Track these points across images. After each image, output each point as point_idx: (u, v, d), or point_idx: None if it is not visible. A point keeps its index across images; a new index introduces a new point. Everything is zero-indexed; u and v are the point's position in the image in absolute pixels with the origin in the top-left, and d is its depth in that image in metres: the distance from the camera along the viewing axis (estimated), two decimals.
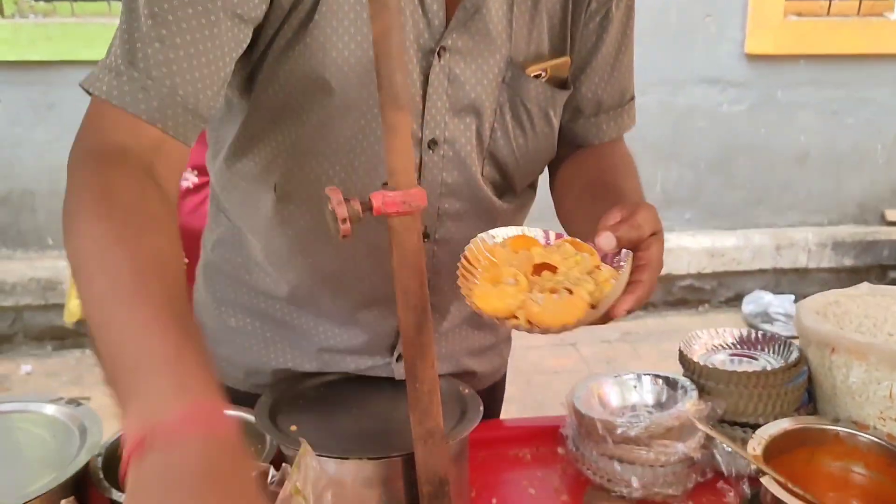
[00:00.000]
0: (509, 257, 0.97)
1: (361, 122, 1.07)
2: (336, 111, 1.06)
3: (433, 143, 1.11)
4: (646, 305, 4.75)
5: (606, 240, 0.91)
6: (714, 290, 4.83)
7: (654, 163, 4.59)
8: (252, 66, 1.06)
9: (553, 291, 0.90)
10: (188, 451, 0.63)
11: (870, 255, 4.86)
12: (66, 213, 0.85)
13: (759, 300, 4.63)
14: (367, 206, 0.88)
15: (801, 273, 4.86)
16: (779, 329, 4.42)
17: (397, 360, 1.27)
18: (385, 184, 0.89)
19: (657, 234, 0.96)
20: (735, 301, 4.81)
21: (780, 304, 4.56)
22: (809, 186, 4.84)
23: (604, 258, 0.96)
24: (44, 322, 4.11)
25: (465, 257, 0.98)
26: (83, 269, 0.78)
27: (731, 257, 4.73)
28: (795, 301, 4.67)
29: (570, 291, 0.89)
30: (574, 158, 1.25)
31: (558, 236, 1.02)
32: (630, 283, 0.92)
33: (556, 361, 4.10)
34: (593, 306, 0.89)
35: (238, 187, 1.18)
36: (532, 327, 0.89)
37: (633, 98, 1.27)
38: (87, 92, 0.93)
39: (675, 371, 1.33)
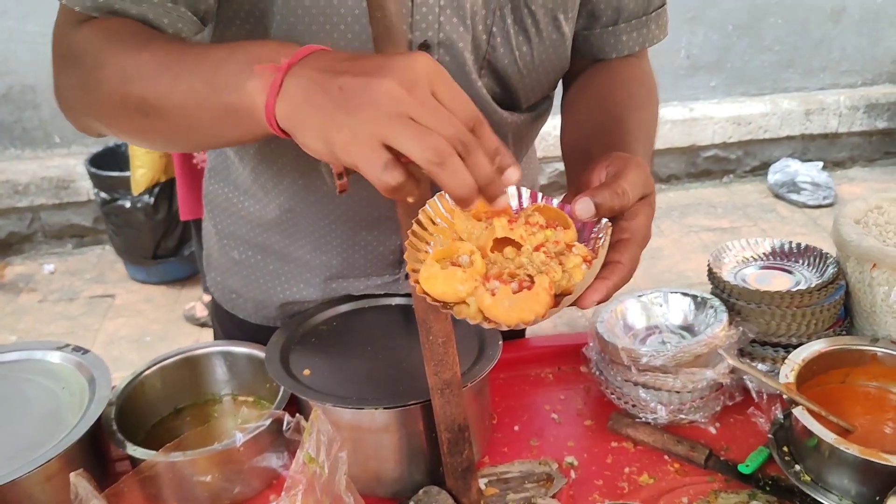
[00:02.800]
0: (469, 226, 0.79)
1: (335, 34, 0.94)
2: (305, 13, 0.92)
3: (425, 47, 0.97)
4: (668, 178, 4.68)
5: (584, 206, 0.76)
6: (739, 160, 4.69)
7: (679, 26, 4.35)
8: None
9: (512, 276, 0.74)
10: (325, 56, 0.70)
11: None
12: (63, 63, 0.90)
13: (785, 169, 4.50)
14: None
15: (830, 138, 4.69)
16: (805, 199, 4.31)
17: (406, 278, 1.22)
18: None
19: (646, 199, 0.81)
20: (761, 170, 4.69)
21: (807, 171, 4.42)
22: (844, 45, 4.59)
23: (581, 227, 0.81)
24: (61, 221, 4.10)
25: (419, 220, 0.79)
26: (131, 75, 0.82)
27: (758, 125, 4.56)
28: (823, 168, 4.54)
29: (532, 279, 0.73)
30: (585, 77, 1.12)
31: (533, 197, 0.83)
32: (606, 265, 0.76)
33: None
34: (558, 296, 0.74)
35: None
36: (483, 320, 0.73)
37: (663, 5, 1.12)
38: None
39: (695, 264, 1.27)
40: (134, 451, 1.01)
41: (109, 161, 3.72)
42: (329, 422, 0.89)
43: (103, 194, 3.64)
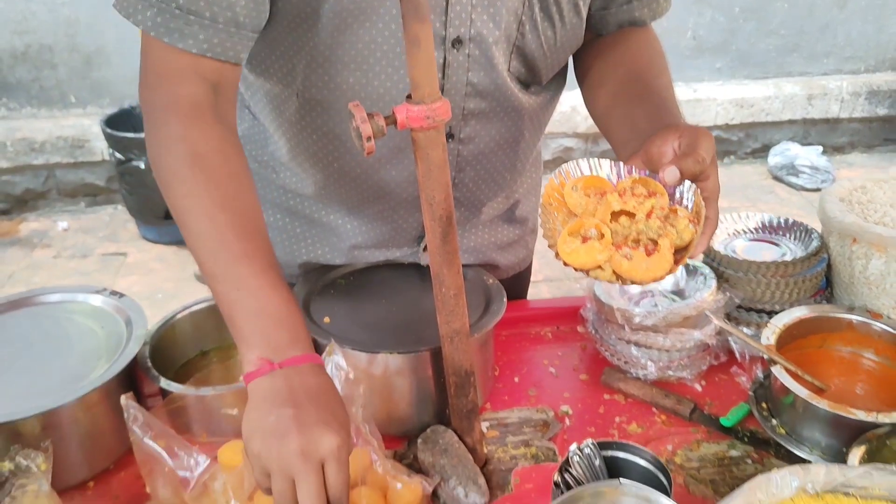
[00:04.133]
0: (585, 204, 0.95)
1: (374, 31, 1.03)
2: (349, 16, 1.02)
3: (458, 42, 1.06)
4: None
5: (672, 175, 0.90)
6: (741, 142, 4.75)
7: (687, 7, 4.40)
8: None
9: (636, 242, 0.90)
10: (300, 378, 0.87)
11: None
12: (159, 170, 0.97)
13: (785, 152, 4.56)
14: (392, 121, 0.88)
15: (831, 124, 4.75)
16: (804, 182, 4.38)
17: (424, 250, 1.30)
18: (409, 96, 0.88)
19: (714, 161, 0.94)
20: (762, 153, 4.75)
21: (806, 155, 4.49)
22: (849, 31, 4.63)
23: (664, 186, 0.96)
24: (75, 179, 4.18)
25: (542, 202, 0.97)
26: (192, 227, 0.94)
27: (761, 108, 4.62)
28: (823, 152, 4.60)
29: (655, 243, 0.88)
30: (603, 50, 1.20)
31: (627, 171, 0.98)
32: (705, 224, 0.91)
33: None
34: (675, 252, 0.90)
35: (262, 89, 1.17)
36: (618, 280, 0.89)
37: None
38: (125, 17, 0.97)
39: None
40: (168, 385, 1.11)
41: (125, 122, 3.78)
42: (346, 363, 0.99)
43: (118, 155, 3.70)
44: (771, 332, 1.18)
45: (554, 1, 1.09)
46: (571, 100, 4.56)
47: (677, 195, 0.94)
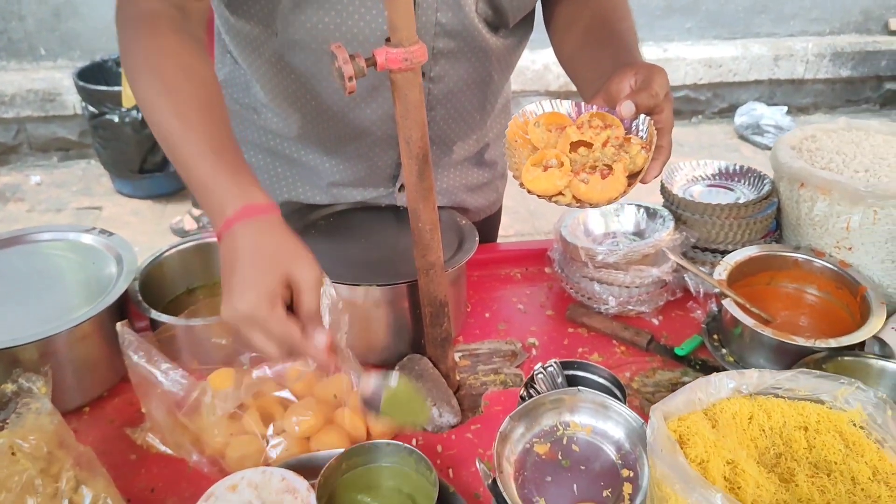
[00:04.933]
0: (546, 137, 1.03)
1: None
2: None
3: None
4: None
5: (627, 108, 0.97)
6: (709, 101, 4.85)
7: None
8: None
9: (593, 168, 0.97)
10: (253, 230, 0.91)
11: (867, 66, 4.84)
12: (128, 69, 1.03)
13: (751, 112, 4.67)
14: (371, 62, 0.94)
15: (796, 84, 4.86)
16: (768, 141, 4.50)
17: (399, 190, 1.37)
18: (388, 39, 0.94)
19: (667, 96, 1.01)
20: (728, 112, 4.86)
21: (771, 115, 4.61)
22: None
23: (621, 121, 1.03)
24: (47, 133, 4.16)
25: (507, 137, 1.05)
26: (154, 109, 0.99)
27: (728, 68, 4.71)
28: (788, 113, 4.71)
29: (609, 167, 0.96)
30: None
31: (577, 106, 1.06)
32: (654, 149, 0.98)
33: None
34: (630, 177, 0.97)
35: (242, 32, 1.21)
36: (577, 203, 0.97)
37: None
38: None
39: (659, 196, 1.44)
40: (158, 316, 1.17)
41: (97, 75, 3.77)
42: None
43: (91, 108, 3.69)
44: (723, 269, 1.27)
45: None
46: (544, 58, 4.60)
47: (633, 128, 1.01)
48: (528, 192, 0.98)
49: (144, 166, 3.79)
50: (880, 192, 1.21)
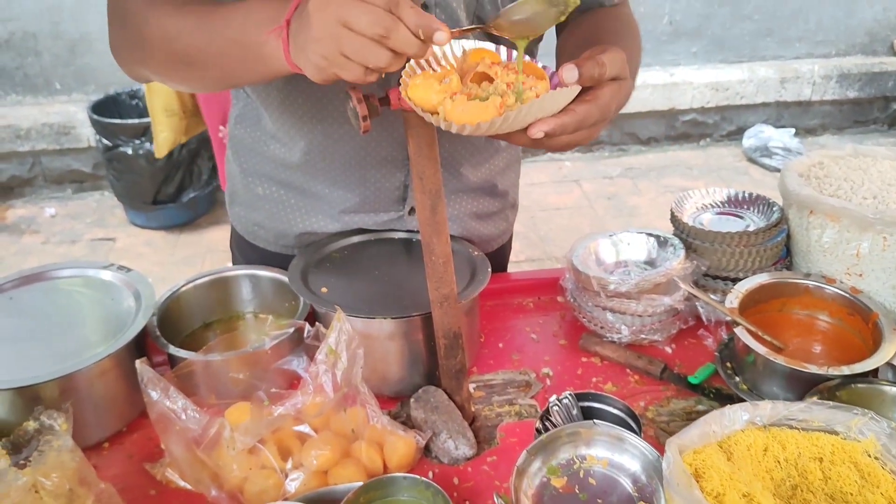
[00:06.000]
0: (460, 64, 0.98)
1: None
2: None
3: (424, 7, 1.14)
4: (647, 140, 4.85)
5: (568, 72, 0.90)
6: (716, 125, 4.87)
7: None
8: None
9: (475, 97, 0.91)
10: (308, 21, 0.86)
11: (874, 87, 4.86)
12: (136, 24, 1.08)
13: (759, 134, 4.69)
14: (385, 102, 0.96)
15: (804, 106, 4.88)
16: (777, 163, 4.51)
17: (409, 213, 1.39)
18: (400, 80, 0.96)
19: (617, 81, 0.94)
20: (737, 135, 4.87)
21: (779, 137, 4.62)
22: (820, 15, 4.75)
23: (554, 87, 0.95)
24: (61, 166, 4.22)
25: (427, 60, 0.97)
26: (173, 27, 1.04)
27: (735, 91, 4.73)
28: (796, 135, 4.73)
29: (486, 98, 0.90)
30: (575, 24, 1.28)
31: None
32: (563, 111, 0.91)
33: (559, 198, 4.23)
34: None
35: None
36: (449, 124, 0.90)
37: None
38: None
39: (669, 223, 1.45)
40: (176, 351, 1.19)
41: (111, 109, 3.83)
42: None
43: (105, 141, 3.74)
44: (734, 297, 1.28)
45: None
46: None
47: None
48: (407, 98, 0.92)
49: (158, 197, 3.83)
50: (889, 218, 1.22)
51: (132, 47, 1.12)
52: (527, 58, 0.97)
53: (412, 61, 0.96)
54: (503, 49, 1.00)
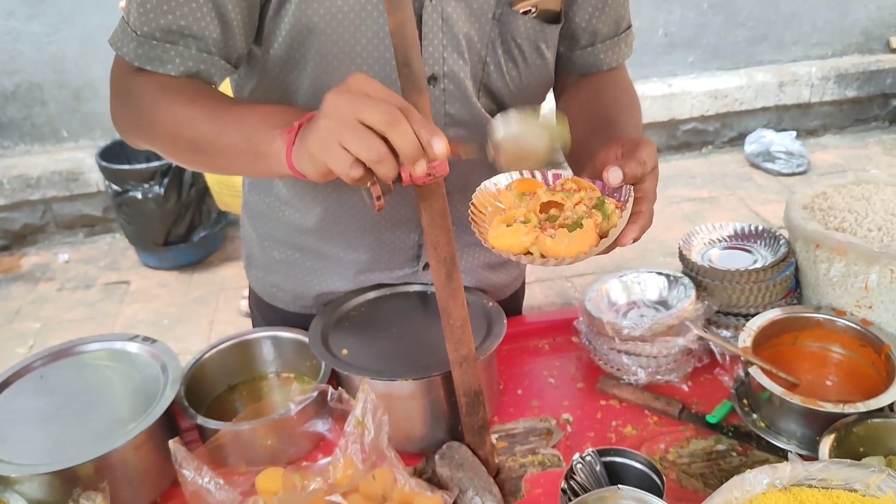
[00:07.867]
0: (516, 200, 1.02)
1: (361, 69, 1.13)
2: (333, 59, 1.12)
3: (433, 79, 1.18)
4: None
5: (615, 174, 0.96)
6: (717, 132, 4.89)
7: (657, 5, 4.52)
8: (260, 20, 1.14)
9: (563, 225, 0.95)
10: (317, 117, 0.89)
11: (873, 85, 4.87)
12: (144, 108, 1.11)
13: (760, 139, 4.71)
14: (397, 178, 0.99)
15: (803, 108, 4.89)
16: (780, 167, 4.52)
17: (423, 269, 1.42)
18: None
19: (654, 169, 1.02)
20: (738, 141, 4.89)
21: (781, 141, 4.63)
22: (814, 18, 4.77)
23: (602, 191, 1.01)
24: (72, 212, 4.27)
25: (473, 205, 1.02)
26: (181, 119, 1.07)
27: (734, 98, 4.75)
28: (797, 137, 4.74)
29: (581, 225, 0.93)
30: (575, 89, 1.32)
31: (556, 176, 1.05)
32: (632, 215, 0.97)
33: None
34: (602, 236, 0.95)
35: None
36: (546, 260, 0.93)
37: (629, 27, 1.32)
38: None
39: (676, 233, 1.48)
40: (204, 422, 1.22)
41: (118, 154, 3.87)
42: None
43: (115, 186, 3.79)
44: (747, 335, 1.30)
45: (515, 44, 1.20)
46: None
47: (615, 195, 1.00)
48: (494, 249, 0.95)
49: (169, 238, 3.87)
50: (894, 251, 1.25)
51: (137, 126, 1.15)
52: (569, 174, 1.02)
53: (470, 208, 1.01)
54: (536, 174, 1.05)
